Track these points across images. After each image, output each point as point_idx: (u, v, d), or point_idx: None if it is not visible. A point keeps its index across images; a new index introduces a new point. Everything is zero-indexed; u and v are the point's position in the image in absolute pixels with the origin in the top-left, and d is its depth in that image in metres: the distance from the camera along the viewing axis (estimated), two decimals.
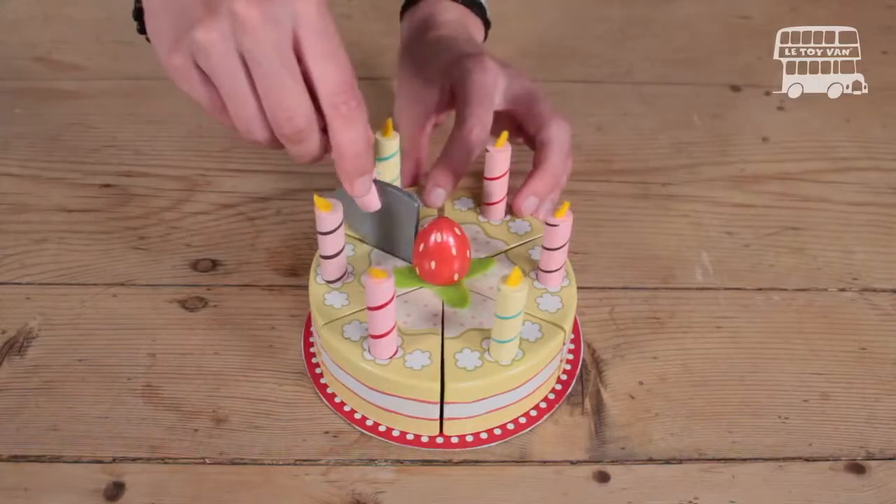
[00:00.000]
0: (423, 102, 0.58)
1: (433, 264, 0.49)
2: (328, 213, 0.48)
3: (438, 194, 0.55)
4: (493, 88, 0.56)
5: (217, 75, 0.42)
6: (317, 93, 0.42)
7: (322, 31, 0.41)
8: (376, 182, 0.48)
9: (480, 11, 0.66)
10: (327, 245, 0.49)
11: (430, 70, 0.58)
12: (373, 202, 0.48)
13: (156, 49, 0.44)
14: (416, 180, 0.58)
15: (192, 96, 0.44)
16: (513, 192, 0.55)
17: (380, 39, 0.81)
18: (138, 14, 0.46)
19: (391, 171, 0.54)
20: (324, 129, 0.44)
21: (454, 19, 0.64)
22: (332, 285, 0.51)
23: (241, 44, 0.40)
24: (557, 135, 0.56)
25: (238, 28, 0.40)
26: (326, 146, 0.45)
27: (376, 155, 0.53)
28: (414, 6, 0.65)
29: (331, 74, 0.42)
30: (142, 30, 0.47)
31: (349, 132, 0.43)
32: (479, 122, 0.55)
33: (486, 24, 0.67)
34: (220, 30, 0.40)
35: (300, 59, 0.42)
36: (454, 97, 0.57)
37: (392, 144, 0.53)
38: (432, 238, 0.49)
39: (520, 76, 0.58)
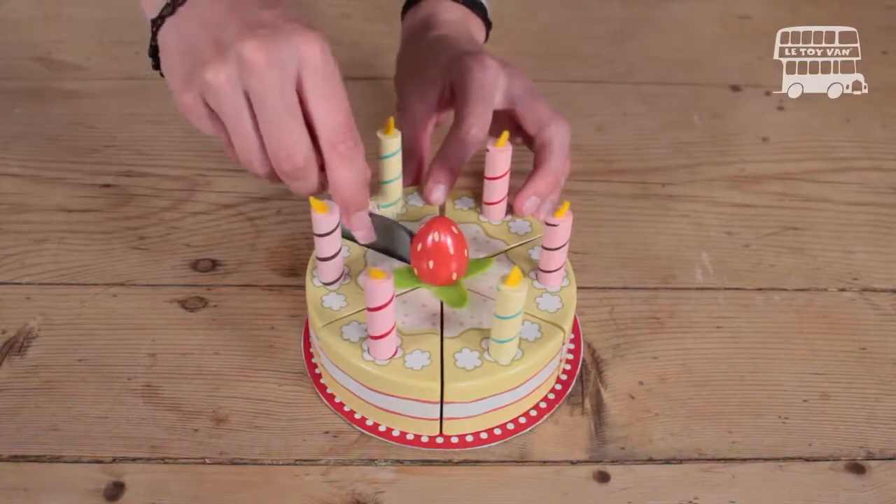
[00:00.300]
0: (424, 102, 0.58)
1: (431, 264, 0.49)
2: (325, 216, 0.47)
3: (438, 190, 0.55)
4: (492, 87, 0.56)
5: (224, 114, 0.44)
6: (317, 132, 0.45)
7: (325, 73, 0.43)
8: (371, 215, 0.51)
9: (481, 12, 0.66)
10: (324, 247, 0.49)
11: (430, 69, 0.58)
12: (368, 235, 0.50)
13: (169, 85, 0.47)
14: (418, 179, 0.58)
15: (202, 130, 0.47)
16: (513, 192, 0.55)
17: (380, 39, 0.81)
18: (153, 51, 0.48)
19: (393, 170, 0.54)
20: (322, 167, 0.46)
21: (455, 19, 0.64)
22: (329, 287, 0.51)
23: (246, 85, 0.43)
24: (558, 135, 0.56)
25: (245, 71, 0.42)
26: (324, 182, 0.47)
27: (380, 153, 0.53)
28: (415, 6, 0.65)
29: (331, 116, 0.44)
30: (156, 66, 0.49)
31: (346, 171, 0.45)
32: (478, 120, 0.55)
33: (488, 25, 0.67)
34: (228, 72, 0.42)
35: (302, 100, 0.44)
36: (454, 96, 0.57)
37: (394, 142, 0.53)
38: (430, 238, 0.49)
39: (520, 75, 0.58)
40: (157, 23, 0.47)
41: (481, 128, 0.55)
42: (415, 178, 0.58)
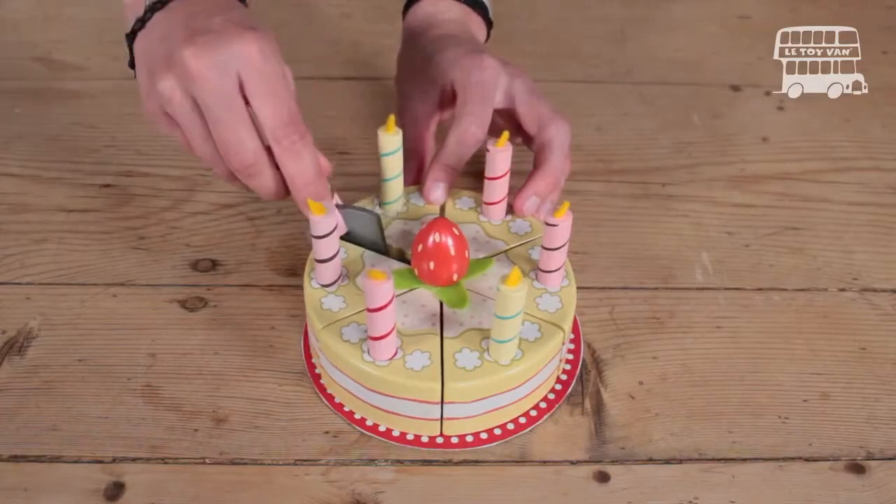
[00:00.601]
0: (425, 101, 0.58)
1: (432, 265, 0.49)
2: (322, 218, 0.47)
3: (437, 189, 0.55)
4: (492, 87, 0.56)
5: (178, 120, 0.48)
6: (262, 130, 0.47)
7: (263, 72, 0.45)
8: (338, 207, 0.51)
9: (482, 11, 0.66)
10: (322, 249, 0.49)
11: (431, 69, 0.58)
12: (340, 227, 0.51)
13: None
14: (419, 179, 0.58)
15: (169, 135, 0.50)
16: (513, 192, 0.55)
17: (380, 39, 0.81)
18: (132, 64, 0.51)
19: (394, 167, 0.54)
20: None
21: (455, 18, 0.64)
22: (327, 289, 0.51)
23: (192, 91, 0.46)
24: (558, 135, 0.56)
25: (187, 78, 0.45)
26: (283, 181, 0.49)
27: (381, 150, 0.53)
28: (415, 5, 0.65)
29: (272, 113, 0.46)
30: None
31: (295, 164, 0.47)
32: (477, 119, 0.55)
33: (489, 24, 0.67)
34: (174, 80, 0.46)
35: (246, 100, 0.46)
36: (454, 96, 0.57)
37: (394, 140, 0.53)
38: (430, 239, 0.49)
39: (521, 75, 0.58)
40: (130, 37, 0.50)
41: (481, 127, 0.55)
42: (416, 177, 0.58)
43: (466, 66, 0.56)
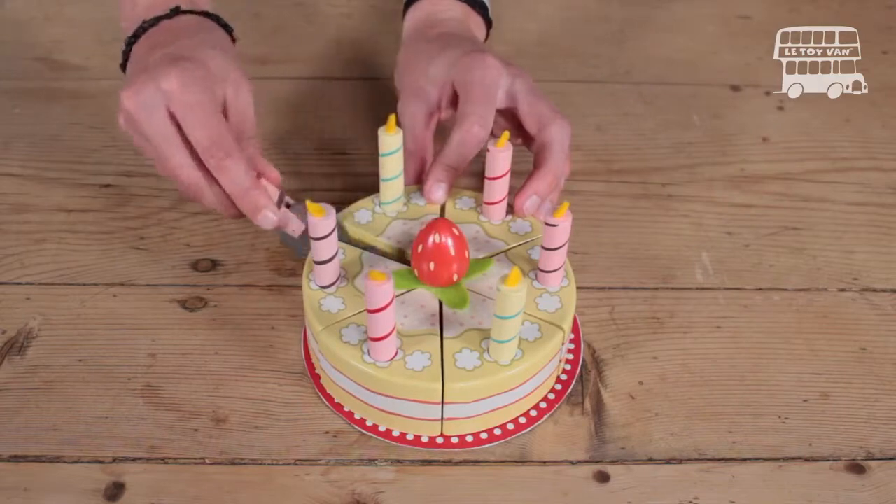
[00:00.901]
0: (426, 100, 0.58)
1: (432, 265, 0.49)
2: (320, 219, 0.47)
3: (439, 189, 0.55)
4: (495, 86, 0.56)
5: (137, 148, 0.54)
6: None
7: (185, 103, 0.50)
8: (292, 207, 0.55)
9: (482, 10, 0.66)
10: (321, 250, 0.49)
11: (432, 68, 0.58)
12: (295, 226, 0.54)
13: None
14: (419, 178, 0.58)
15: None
16: (514, 192, 0.55)
17: (380, 39, 0.81)
18: None
19: (393, 167, 0.54)
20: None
21: (456, 17, 0.64)
22: (326, 290, 0.51)
23: (133, 126, 0.52)
24: (559, 135, 0.56)
25: (126, 116, 0.52)
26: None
27: (381, 150, 0.53)
28: (415, 4, 0.65)
29: (197, 137, 0.51)
30: None
31: (225, 179, 0.51)
32: (480, 119, 0.55)
33: (488, 24, 0.67)
34: (122, 116, 0.53)
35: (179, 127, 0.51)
36: (456, 95, 0.57)
37: (395, 140, 0.53)
38: (430, 239, 0.49)
39: (522, 75, 0.58)
40: (125, 54, 0.57)
41: (483, 126, 0.55)
42: (416, 177, 0.58)
43: (468, 66, 0.56)
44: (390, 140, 0.53)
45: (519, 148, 0.58)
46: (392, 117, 0.53)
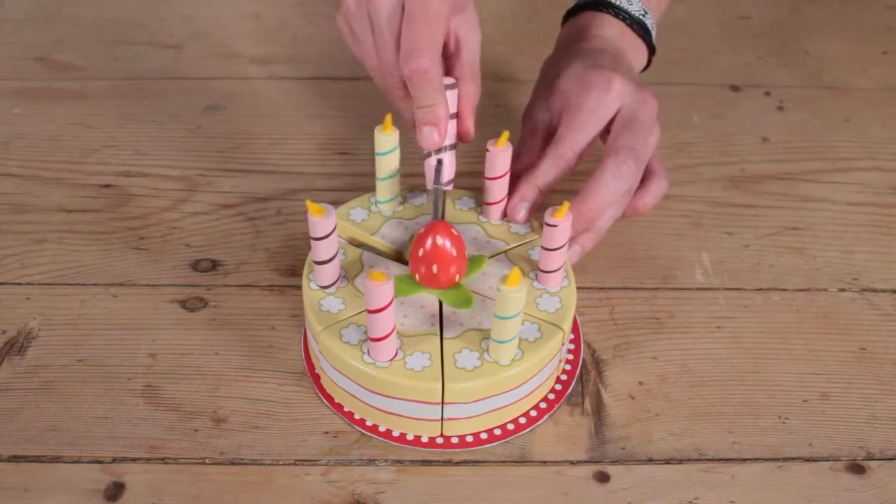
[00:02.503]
0: (546, 110, 0.57)
1: (434, 268, 0.49)
2: (321, 219, 0.47)
3: (522, 209, 0.54)
4: (605, 111, 0.54)
5: (355, 31, 0.53)
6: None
7: (412, 10, 0.49)
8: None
9: (643, 33, 0.62)
10: (321, 250, 0.49)
11: (561, 79, 0.57)
12: (442, 175, 0.53)
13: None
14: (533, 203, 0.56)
15: (350, 50, 0.55)
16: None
17: None
18: None
19: (391, 166, 0.54)
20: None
21: (610, 35, 0.61)
22: (326, 290, 0.51)
23: (368, 11, 0.51)
24: (615, 168, 0.53)
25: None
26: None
27: (377, 149, 0.53)
28: (575, 16, 0.63)
29: (407, 40, 0.49)
30: None
31: (414, 92, 0.50)
32: (574, 145, 0.54)
33: (651, 49, 0.64)
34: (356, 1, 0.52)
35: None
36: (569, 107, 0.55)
37: (391, 139, 0.53)
38: (429, 242, 0.49)
39: (646, 103, 0.55)
40: None
41: (574, 155, 0.54)
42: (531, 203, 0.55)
43: (588, 83, 0.55)
44: (386, 139, 0.53)
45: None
46: (388, 116, 0.53)
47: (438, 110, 0.50)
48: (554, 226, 0.49)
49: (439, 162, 0.52)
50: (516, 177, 0.55)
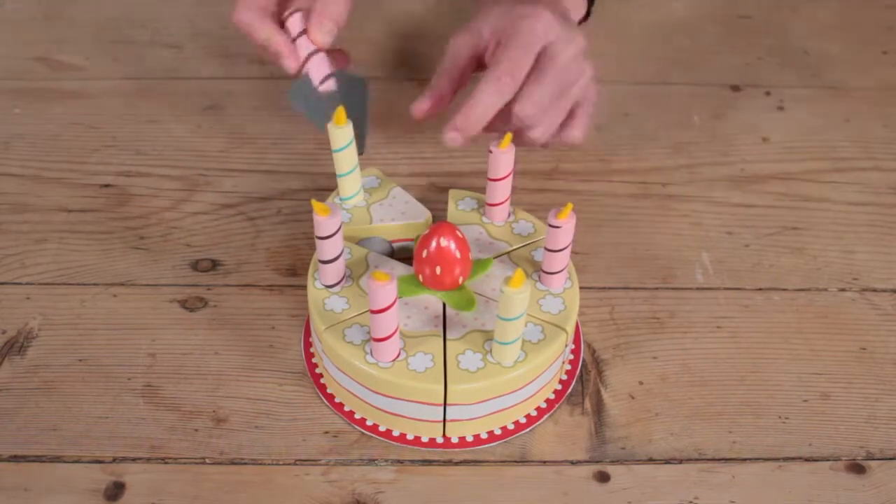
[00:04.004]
0: (476, 37, 0.57)
1: (438, 270, 0.49)
2: (326, 218, 0.47)
3: (454, 140, 0.54)
4: (537, 40, 0.54)
5: None
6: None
7: None
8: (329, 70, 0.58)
9: None
10: (326, 249, 0.49)
11: (493, 11, 0.57)
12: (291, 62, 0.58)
13: None
14: (432, 112, 0.57)
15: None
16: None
17: (380, 39, 0.81)
18: None
19: (350, 161, 0.54)
20: None
21: None
22: (331, 289, 0.51)
23: None
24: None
25: None
26: None
27: (333, 146, 0.53)
28: None
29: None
30: None
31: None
32: (512, 67, 0.53)
33: (590, 1, 0.64)
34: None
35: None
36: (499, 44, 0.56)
37: (346, 134, 0.53)
38: (434, 243, 0.49)
39: (573, 41, 0.56)
40: None
41: (514, 78, 0.54)
42: (430, 110, 0.57)
43: (520, 14, 0.55)
44: (341, 134, 0.53)
45: (521, 148, 0.58)
46: (340, 108, 0.53)
47: (273, 44, 0.57)
48: (557, 227, 0.49)
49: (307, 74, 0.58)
50: (434, 104, 0.56)
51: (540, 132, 0.57)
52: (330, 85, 0.58)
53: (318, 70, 0.58)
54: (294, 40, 0.58)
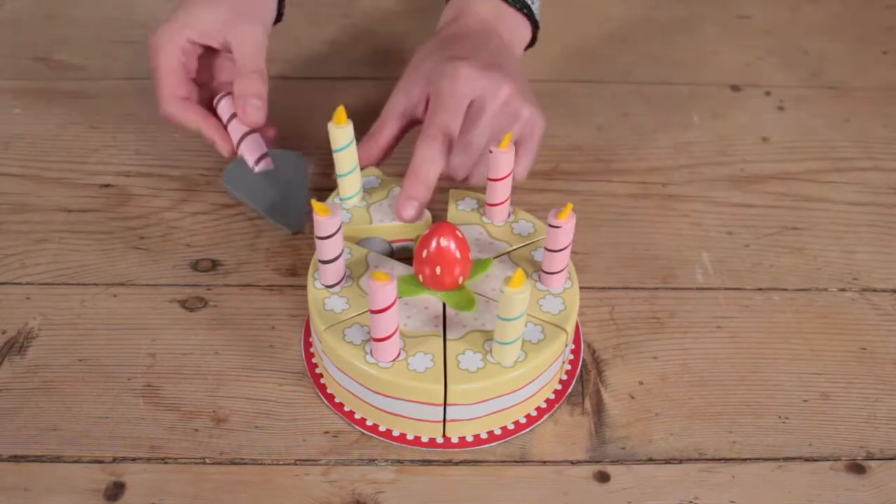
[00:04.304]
0: (408, 96, 0.58)
1: (438, 270, 0.49)
2: (326, 218, 0.47)
3: (410, 208, 0.54)
4: (462, 98, 0.55)
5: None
6: None
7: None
8: (265, 150, 0.59)
9: (522, 7, 0.62)
10: (326, 249, 0.49)
11: (422, 68, 0.58)
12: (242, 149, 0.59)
13: None
14: (370, 161, 0.57)
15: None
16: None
17: (380, 39, 0.81)
18: None
19: (350, 161, 0.54)
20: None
21: (484, 13, 0.61)
22: (331, 290, 0.51)
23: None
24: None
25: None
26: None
27: (333, 146, 0.53)
28: None
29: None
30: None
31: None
32: (441, 128, 0.54)
33: (534, 24, 0.64)
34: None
35: None
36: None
37: (347, 133, 0.53)
38: (434, 243, 0.49)
39: (503, 85, 0.56)
40: None
41: (444, 133, 0.54)
42: (369, 159, 0.57)
43: (441, 74, 0.56)
44: (341, 133, 0.52)
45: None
46: (340, 109, 0.52)
47: (204, 134, 0.59)
48: (557, 227, 0.49)
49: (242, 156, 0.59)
50: (370, 154, 0.57)
51: (477, 178, 0.57)
52: (266, 164, 0.59)
53: (252, 151, 0.58)
54: (227, 124, 0.59)
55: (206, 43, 0.60)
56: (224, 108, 0.60)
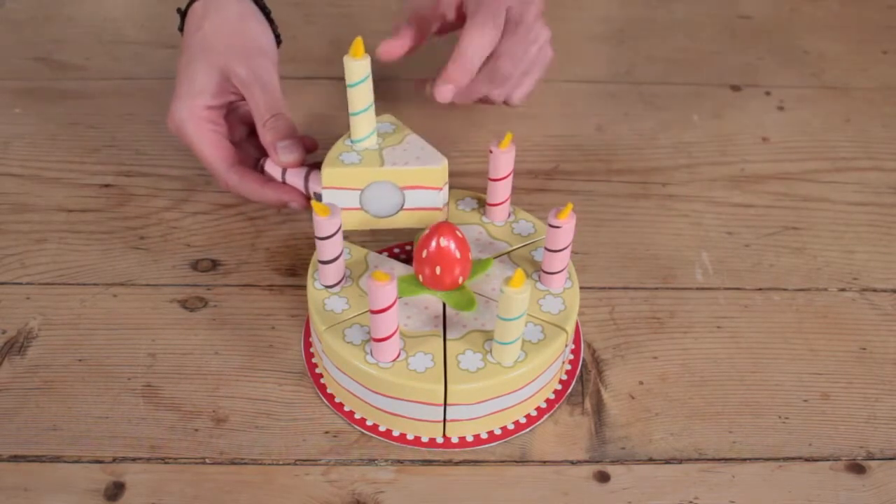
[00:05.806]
0: (434, 6, 0.58)
1: (438, 270, 0.49)
2: (326, 219, 0.47)
3: (448, 90, 0.55)
4: (502, 1, 0.55)
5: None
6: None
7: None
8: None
9: None
10: (326, 250, 0.49)
11: None
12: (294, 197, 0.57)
13: None
14: (399, 53, 0.57)
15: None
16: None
17: (380, 39, 0.80)
18: None
19: (364, 98, 0.51)
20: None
21: None
22: (330, 290, 0.51)
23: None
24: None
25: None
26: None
27: (348, 80, 0.50)
28: None
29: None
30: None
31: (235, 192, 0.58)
32: (493, 17, 0.54)
33: None
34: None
35: None
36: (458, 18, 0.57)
37: (363, 66, 0.50)
38: (433, 243, 0.49)
39: (531, 4, 0.57)
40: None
41: (496, 28, 0.54)
42: (398, 47, 0.57)
43: None
44: (357, 66, 0.49)
45: (521, 148, 0.58)
46: (358, 39, 0.49)
47: (269, 202, 0.56)
48: (557, 227, 0.49)
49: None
50: (389, 52, 0.57)
51: (507, 89, 0.58)
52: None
53: (320, 184, 0.55)
54: (284, 179, 0.57)
55: (223, 101, 0.58)
56: (270, 165, 0.57)
